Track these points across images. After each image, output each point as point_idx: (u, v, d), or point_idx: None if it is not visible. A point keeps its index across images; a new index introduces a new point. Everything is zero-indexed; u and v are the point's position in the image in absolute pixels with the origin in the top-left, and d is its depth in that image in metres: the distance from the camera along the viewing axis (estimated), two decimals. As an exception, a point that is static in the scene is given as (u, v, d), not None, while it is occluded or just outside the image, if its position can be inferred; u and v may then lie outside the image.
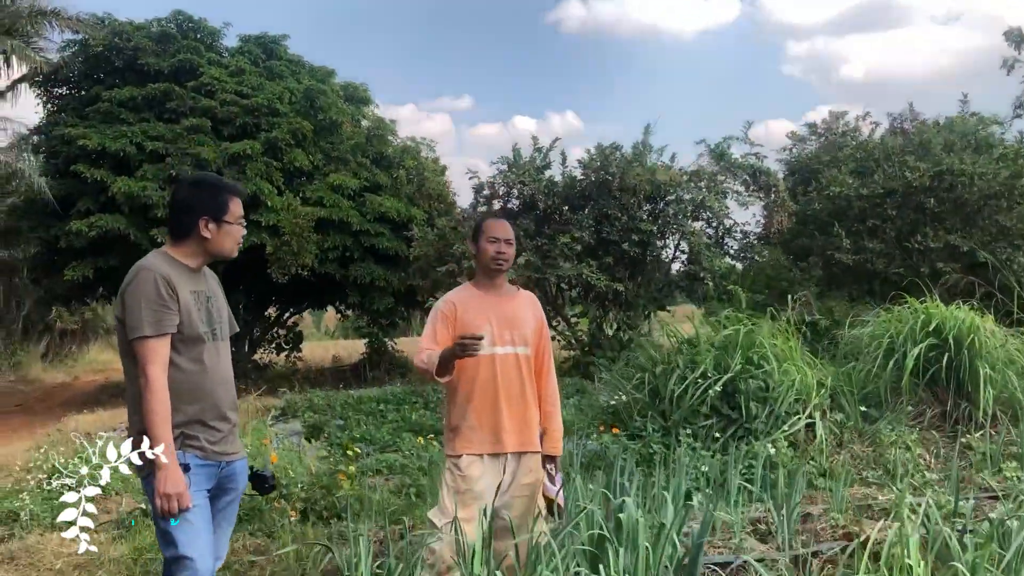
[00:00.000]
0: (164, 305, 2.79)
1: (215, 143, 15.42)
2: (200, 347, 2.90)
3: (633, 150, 14.71)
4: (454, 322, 3.69)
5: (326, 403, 12.03)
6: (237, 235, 3.03)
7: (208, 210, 2.95)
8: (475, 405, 3.66)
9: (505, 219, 3.88)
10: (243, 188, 3.16)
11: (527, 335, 3.72)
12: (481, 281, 3.81)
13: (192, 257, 2.99)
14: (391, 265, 17.54)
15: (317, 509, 5.44)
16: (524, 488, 3.71)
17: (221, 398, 2.95)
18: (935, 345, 6.94)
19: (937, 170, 14.94)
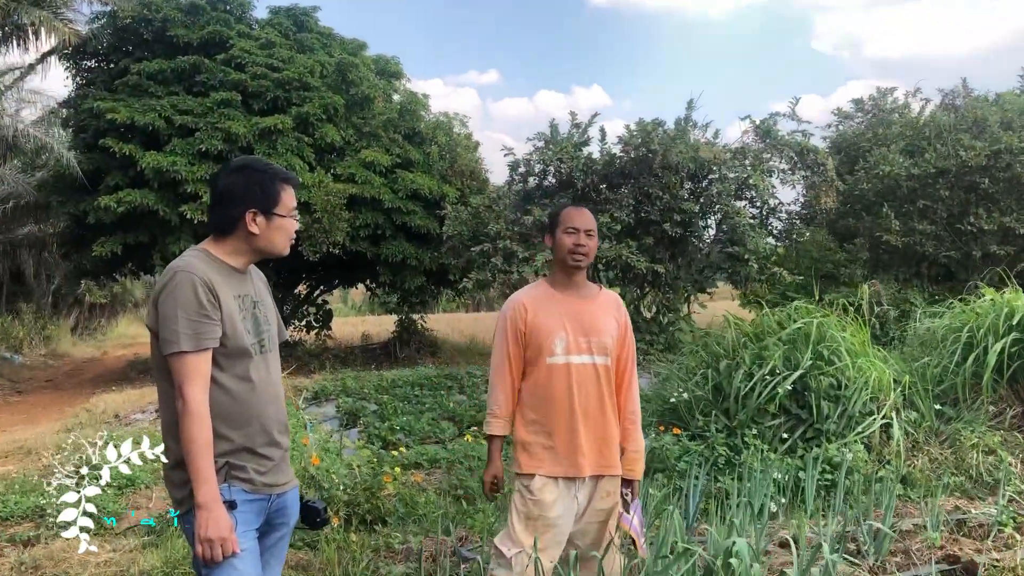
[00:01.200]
0: (205, 315, 2.39)
1: (245, 117, 15.05)
2: (246, 361, 2.50)
3: (676, 126, 14.17)
4: (525, 327, 3.29)
5: (359, 386, 11.71)
6: (290, 230, 2.63)
7: (256, 201, 2.55)
8: (548, 421, 3.25)
9: (586, 207, 3.43)
10: (295, 176, 2.73)
11: (607, 343, 3.28)
12: (557, 278, 3.38)
13: (237, 255, 2.59)
14: (423, 243, 17.16)
15: (360, 513, 5.08)
16: (599, 513, 3.30)
17: (271, 420, 2.56)
18: (1017, 340, 6.45)
19: (994, 148, 14.31)
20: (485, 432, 3.33)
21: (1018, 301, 6.68)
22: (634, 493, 3.36)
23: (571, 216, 3.31)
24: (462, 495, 5.51)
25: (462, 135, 18.78)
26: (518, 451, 3.31)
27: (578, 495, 3.25)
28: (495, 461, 3.30)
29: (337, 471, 5.10)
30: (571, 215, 3.32)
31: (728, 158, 14.16)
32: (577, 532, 3.28)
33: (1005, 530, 4.45)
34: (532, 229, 13.55)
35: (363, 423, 8.48)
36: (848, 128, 17.66)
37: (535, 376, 3.27)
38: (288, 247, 2.66)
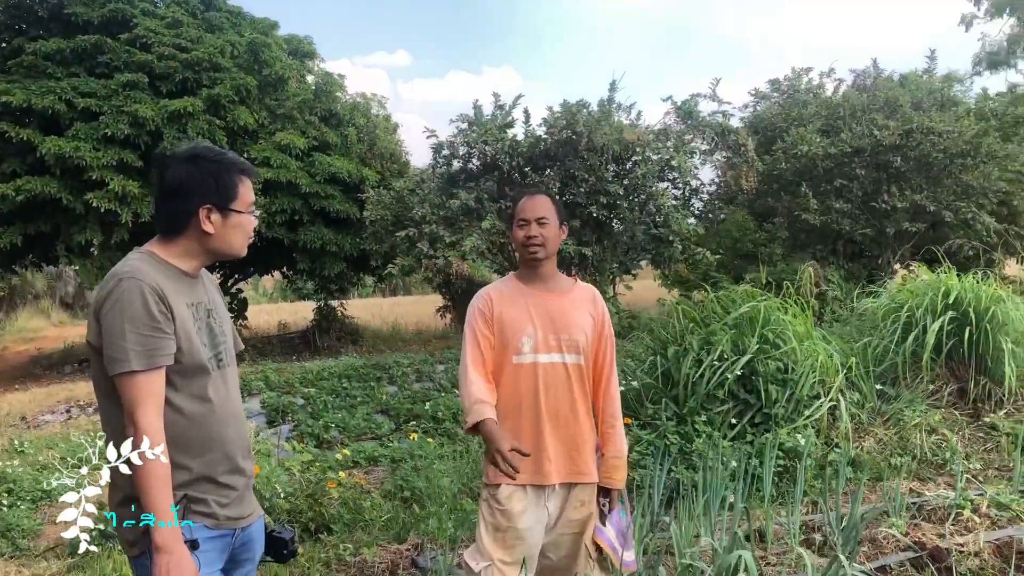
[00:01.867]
0: (157, 328, 2.09)
1: (153, 100, 14.30)
2: (204, 379, 2.20)
3: (599, 108, 14.07)
4: (492, 321, 3.05)
5: (283, 379, 11.30)
6: (248, 228, 2.33)
7: (210, 195, 2.25)
8: (512, 425, 2.99)
9: (543, 192, 3.18)
10: (252, 167, 2.41)
11: (579, 341, 3.04)
12: (524, 272, 3.15)
13: (188, 258, 2.28)
14: (343, 228, 16.71)
15: (303, 521, 4.79)
16: (573, 524, 3.05)
17: (233, 444, 2.27)
18: (953, 319, 6.53)
19: (907, 128, 14.65)
20: (470, 424, 2.94)
21: (952, 281, 6.75)
22: (612, 503, 3.13)
23: (521, 207, 3.09)
24: (410, 497, 5.26)
25: (380, 116, 18.33)
26: (485, 459, 3.05)
27: (548, 504, 3.03)
28: (500, 435, 2.83)
29: (278, 478, 4.79)
30: (521, 206, 3.09)
31: (651, 140, 14.15)
32: (549, 544, 3.07)
33: (964, 513, 4.45)
34: (458, 213, 13.29)
35: (293, 420, 8.12)
36: (765, 108, 17.87)
37: (501, 377, 3.03)
38: (246, 247, 2.36)
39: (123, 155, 13.77)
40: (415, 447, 6.12)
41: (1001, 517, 4.43)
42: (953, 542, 4.07)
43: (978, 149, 15.05)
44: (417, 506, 5.00)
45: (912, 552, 4.04)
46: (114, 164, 13.69)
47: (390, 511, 5.05)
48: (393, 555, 4.25)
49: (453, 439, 7.09)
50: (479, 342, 3.04)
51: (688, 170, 14.51)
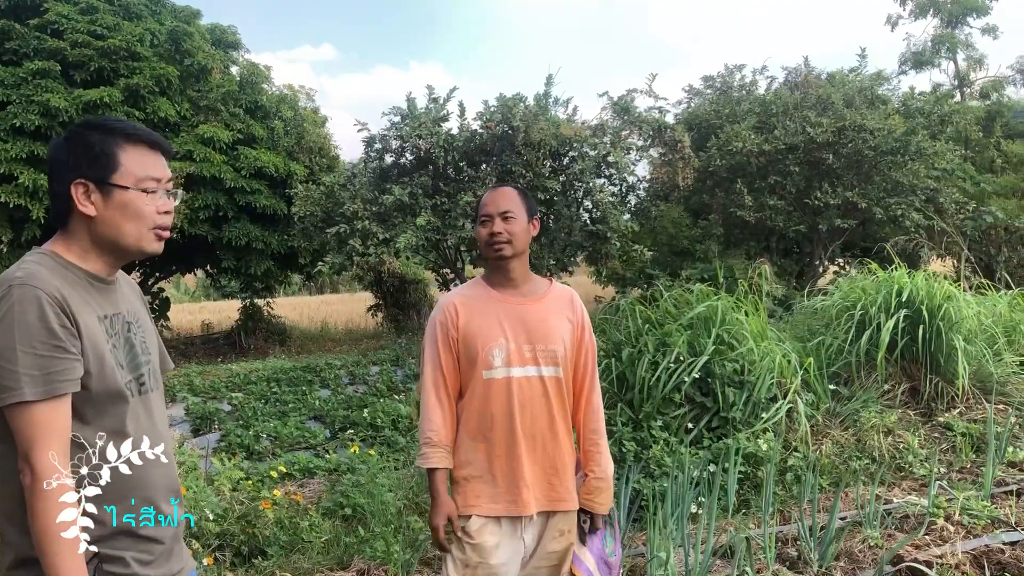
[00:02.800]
0: (58, 346, 1.69)
1: (67, 89, 13.52)
2: (120, 409, 1.80)
3: (536, 102, 13.78)
4: (457, 334, 2.71)
5: (207, 383, 10.74)
6: (143, 208, 1.86)
7: (81, 166, 1.82)
8: (484, 448, 2.68)
9: (508, 185, 2.84)
10: (151, 132, 1.94)
11: (557, 351, 2.72)
12: (492, 276, 2.81)
13: (89, 256, 1.86)
14: (269, 225, 16.12)
15: (235, 545, 4.37)
16: (551, 556, 2.74)
17: (157, 488, 1.88)
18: (906, 317, 6.41)
19: (840, 125, 14.73)
20: (419, 466, 2.71)
21: (903, 279, 6.64)
22: (594, 526, 2.81)
23: (484, 202, 2.77)
24: (351, 515, 4.87)
25: (308, 109, 17.75)
26: (456, 487, 2.73)
27: (525, 536, 2.71)
28: (442, 498, 2.65)
29: (207, 498, 4.36)
30: (484, 201, 2.78)
31: (588, 135, 13.93)
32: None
33: (937, 521, 4.27)
34: (391, 209, 12.86)
35: (220, 428, 7.63)
36: (699, 105, 17.85)
37: (469, 395, 2.70)
38: (150, 238, 1.89)
39: (34, 147, 13.00)
40: (355, 459, 5.73)
41: (975, 525, 4.27)
42: (931, 554, 3.88)
43: (907, 146, 15.24)
44: (360, 526, 4.62)
45: (890, 567, 3.82)
46: (24, 157, 12.93)
47: (330, 531, 4.66)
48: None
49: (393, 447, 6.72)
50: (441, 362, 2.71)
51: (625, 166, 14.34)
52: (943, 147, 15.74)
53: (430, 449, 2.66)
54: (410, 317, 18.06)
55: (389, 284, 17.78)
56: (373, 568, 4.05)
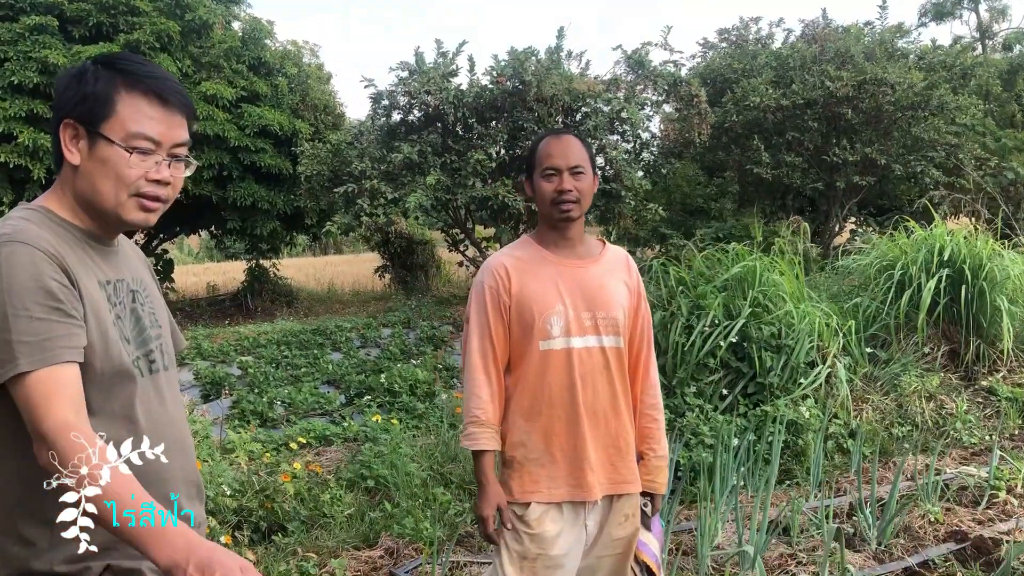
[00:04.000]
0: (54, 307, 1.42)
1: (65, 46, 13.11)
2: (127, 390, 1.54)
3: (548, 56, 13.39)
4: (510, 300, 2.43)
5: (216, 347, 10.51)
6: (124, 170, 1.54)
7: (73, 105, 1.54)
8: (543, 427, 2.41)
9: (570, 133, 2.51)
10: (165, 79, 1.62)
11: (618, 318, 2.45)
12: (545, 234, 2.51)
13: (79, 213, 1.59)
14: (275, 185, 15.79)
15: (253, 520, 4.14)
16: (616, 544, 2.49)
17: (175, 482, 1.60)
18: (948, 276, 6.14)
19: (859, 79, 14.31)
20: (465, 447, 2.45)
21: (945, 237, 6.36)
22: (655, 508, 2.57)
23: (546, 151, 2.45)
24: (374, 487, 4.64)
25: (313, 66, 17.31)
26: (507, 472, 2.47)
27: (587, 522, 2.45)
28: (491, 485, 2.40)
29: (223, 472, 4.12)
30: (546, 150, 2.45)
31: (602, 90, 13.55)
32: (585, 569, 2.48)
33: (999, 495, 4.03)
34: (400, 167, 12.53)
35: (231, 395, 7.39)
36: (714, 59, 17.40)
37: (524, 368, 2.42)
38: (130, 206, 1.57)
39: (33, 105, 12.62)
40: (376, 428, 5.49)
41: (1040, 498, 4.04)
42: (997, 530, 3.64)
43: (928, 101, 14.84)
44: (385, 499, 4.39)
45: (953, 543, 3.58)
46: (23, 115, 12.56)
47: (352, 505, 4.43)
48: (365, 565, 3.66)
49: (412, 414, 6.48)
50: (490, 331, 2.43)
51: (639, 121, 13.99)
52: (965, 101, 15.33)
53: (477, 428, 2.40)
54: (418, 278, 17.79)
55: (396, 245, 17.46)
56: (403, 546, 3.83)
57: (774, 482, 4.40)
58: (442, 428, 5.66)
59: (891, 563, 3.48)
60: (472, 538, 4.02)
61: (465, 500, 4.52)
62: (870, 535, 3.65)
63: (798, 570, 3.45)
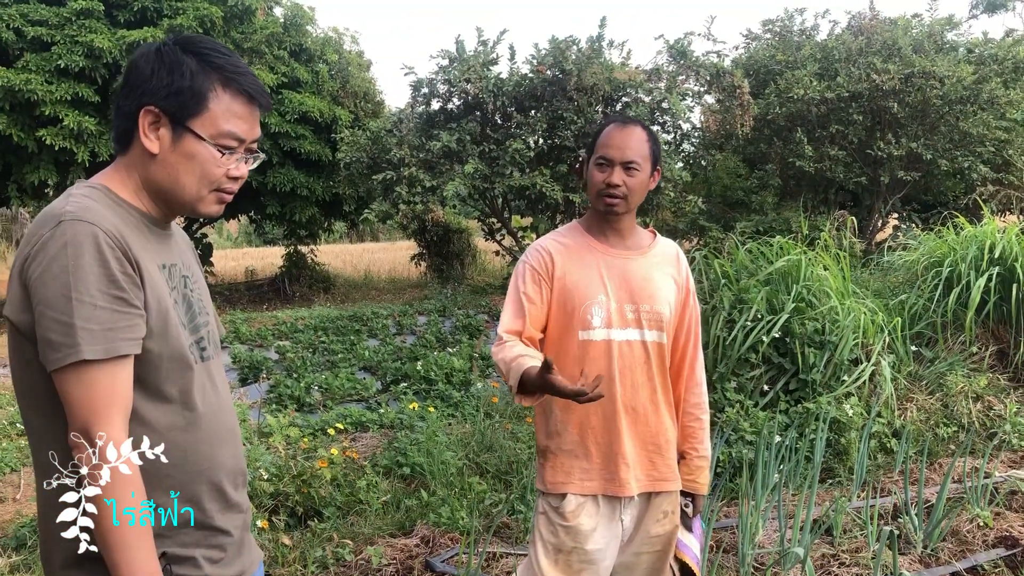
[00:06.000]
0: (119, 297, 1.39)
1: (110, 30, 13.25)
2: (185, 377, 1.51)
3: (589, 45, 13.28)
4: (551, 284, 2.36)
5: (254, 330, 10.59)
6: (210, 169, 1.53)
7: (158, 93, 1.49)
8: (577, 419, 2.35)
9: (638, 123, 2.40)
10: (257, 84, 1.58)
11: (663, 313, 2.37)
12: (593, 222, 2.44)
13: (142, 196, 1.55)
14: (314, 171, 15.88)
15: (289, 505, 4.15)
16: (654, 541, 2.42)
17: (226, 471, 1.58)
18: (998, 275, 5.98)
19: (907, 72, 14.02)
20: (514, 385, 2.16)
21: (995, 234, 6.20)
22: (696, 508, 2.51)
23: (606, 140, 2.34)
24: (410, 475, 4.63)
25: (353, 53, 17.34)
26: (541, 462, 2.43)
27: (623, 518, 2.39)
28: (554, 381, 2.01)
29: (260, 455, 4.13)
30: (607, 138, 2.34)
31: (643, 80, 13.43)
32: (621, 566, 2.42)
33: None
34: (439, 156, 12.52)
35: (269, 379, 7.43)
36: (757, 50, 17.14)
37: (562, 357, 2.34)
38: (209, 200, 1.56)
39: (78, 89, 12.80)
40: (412, 415, 5.47)
41: (1093, 505, 3.92)
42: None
43: (978, 95, 14.51)
44: (422, 488, 4.37)
45: (1003, 549, 3.49)
46: (68, 99, 12.74)
47: (388, 491, 4.43)
48: (400, 552, 3.64)
49: (447, 402, 6.46)
50: (523, 306, 2.33)
51: (681, 112, 13.84)
52: (1017, 96, 14.96)
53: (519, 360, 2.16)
54: (454, 267, 17.80)
55: (433, 233, 17.47)
56: (438, 535, 3.80)
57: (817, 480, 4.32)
58: (478, 417, 5.64)
59: (938, 567, 3.39)
60: (508, 529, 3.99)
61: (501, 490, 4.49)
62: (916, 538, 3.56)
63: (841, 571, 3.37)
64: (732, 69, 14.22)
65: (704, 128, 16.57)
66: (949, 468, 3.65)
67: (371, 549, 3.58)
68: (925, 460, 4.65)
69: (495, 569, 3.54)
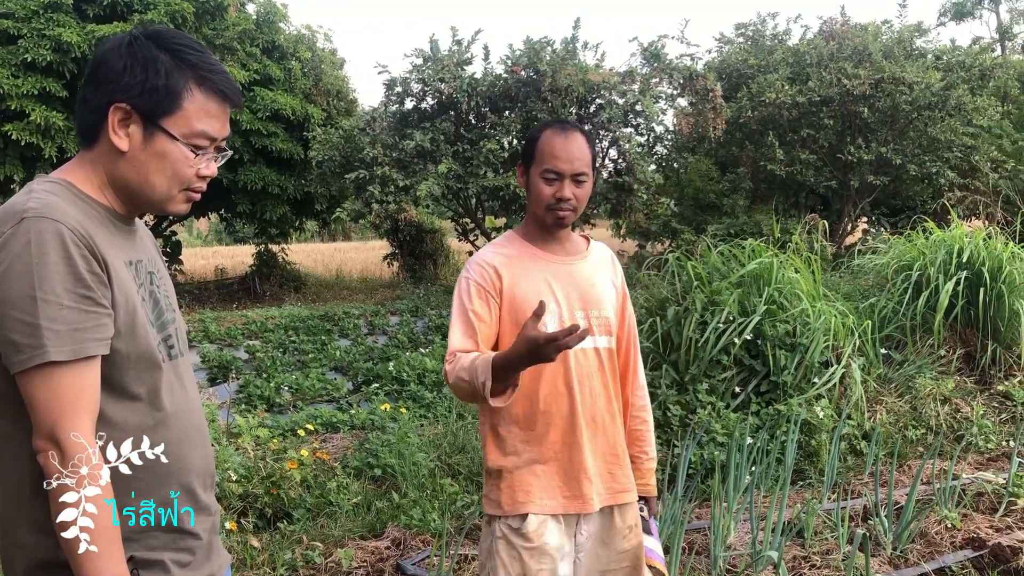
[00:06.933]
0: (86, 295, 1.36)
1: (79, 24, 13.07)
2: (153, 377, 1.47)
3: (564, 46, 13.29)
4: (500, 300, 2.24)
5: (223, 330, 10.48)
6: (181, 168, 1.49)
7: (131, 90, 1.45)
8: (537, 435, 2.24)
9: (578, 129, 2.27)
10: (229, 82, 1.55)
11: (611, 318, 2.32)
12: (534, 231, 2.32)
13: (107, 192, 1.51)
14: (286, 169, 15.75)
15: (258, 507, 4.10)
16: (623, 557, 2.31)
17: (196, 473, 1.54)
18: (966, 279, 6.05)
19: (877, 77, 14.18)
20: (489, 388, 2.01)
21: (963, 239, 6.27)
22: (651, 511, 2.46)
23: (551, 150, 2.20)
24: (381, 476, 4.59)
25: (327, 51, 17.23)
26: (493, 484, 2.28)
27: (578, 535, 2.28)
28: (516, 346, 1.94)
29: (229, 457, 4.08)
30: (552, 150, 2.20)
31: (617, 82, 13.46)
32: None
33: (1018, 502, 3.96)
34: (412, 155, 12.47)
35: (239, 379, 7.36)
36: (730, 54, 17.26)
37: None
38: (178, 200, 1.53)
39: (45, 83, 12.61)
40: (384, 416, 5.44)
41: (1059, 506, 3.97)
42: (1015, 538, 3.58)
43: (946, 102, 14.70)
44: (393, 490, 4.34)
45: (971, 550, 3.52)
46: (35, 93, 12.56)
47: (359, 493, 4.39)
48: (371, 555, 3.61)
49: (419, 403, 6.43)
50: (473, 324, 2.20)
51: (654, 115, 13.90)
52: (983, 102, 15.18)
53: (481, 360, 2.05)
54: (426, 267, 17.74)
55: (406, 233, 17.40)
56: (409, 537, 3.77)
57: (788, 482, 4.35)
58: (450, 418, 5.61)
59: (907, 569, 3.42)
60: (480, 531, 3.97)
61: (473, 492, 4.47)
62: (886, 540, 3.58)
63: (812, 573, 3.39)
64: (705, 72, 14.29)
65: (677, 131, 16.63)
66: (918, 471, 3.68)
67: (341, 551, 3.55)
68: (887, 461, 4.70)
69: (467, 571, 3.52)
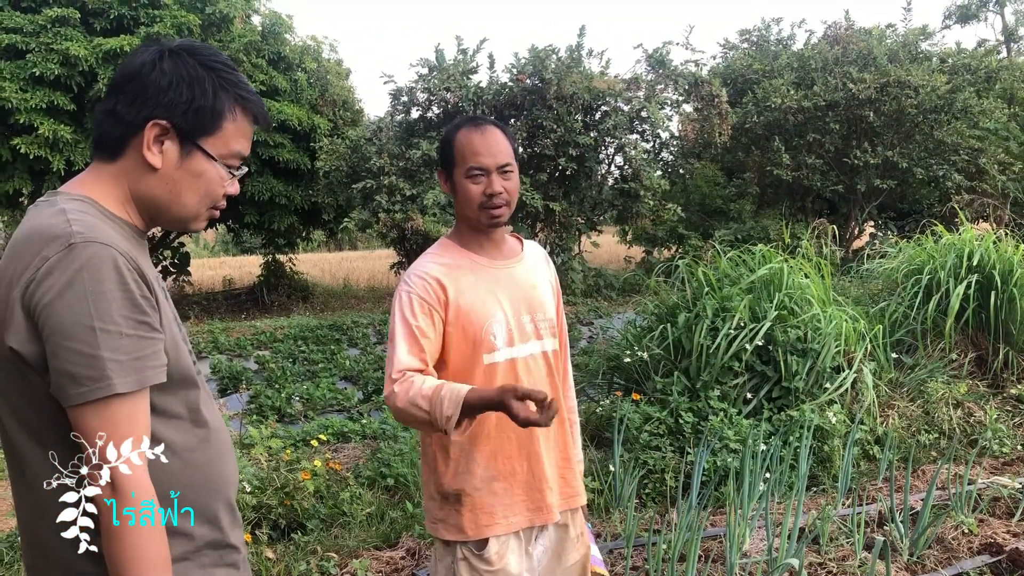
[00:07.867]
0: (143, 322, 1.33)
1: (86, 38, 13.13)
2: (193, 395, 1.46)
3: (569, 54, 13.32)
4: (445, 314, 2.11)
5: (232, 340, 10.51)
6: (214, 189, 1.49)
7: (174, 108, 1.41)
8: (491, 451, 2.13)
9: (492, 123, 2.17)
10: (262, 107, 1.55)
11: (553, 320, 2.26)
12: (468, 236, 2.21)
13: (128, 208, 1.47)
14: (293, 180, 15.77)
15: (272, 518, 4.10)
16: (571, 569, 2.26)
17: (233, 484, 1.54)
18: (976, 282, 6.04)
19: (882, 81, 14.19)
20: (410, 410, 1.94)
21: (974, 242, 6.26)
22: (584, 514, 2.38)
23: (471, 147, 2.11)
24: (394, 486, 4.59)
25: (332, 61, 17.28)
26: (452, 509, 2.15)
27: (536, 549, 2.22)
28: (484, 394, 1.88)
29: (243, 468, 4.08)
30: (471, 147, 2.11)
31: (622, 89, 13.48)
32: None
33: (1034, 506, 3.95)
34: (419, 164, 12.51)
35: (249, 389, 7.37)
36: (734, 59, 17.28)
37: None
38: (203, 218, 1.53)
39: (54, 97, 12.66)
40: (394, 425, 5.44)
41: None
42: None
43: (952, 104, 14.71)
44: (407, 499, 4.34)
45: (988, 556, 3.50)
46: (44, 107, 12.59)
47: (372, 503, 4.39)
48: (386, 565, 3.61)
49: (430, 412, 6.42)
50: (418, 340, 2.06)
51: (659, 121, 13.92)
52: (989, 105, 15.17)
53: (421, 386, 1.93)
54: (434, 275, 17.74)
55: (413, 242, 17.40)
56: (424, 547, 3.77)
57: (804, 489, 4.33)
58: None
59: (924, 575, 3.40)
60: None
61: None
62: (902, 546, 3.57)
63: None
64: (710, 78, 14.32)
65: (682, 137, 16.66)
66: (934, 475, 3.66)
67: (356, 562, 3.54)
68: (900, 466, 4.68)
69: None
